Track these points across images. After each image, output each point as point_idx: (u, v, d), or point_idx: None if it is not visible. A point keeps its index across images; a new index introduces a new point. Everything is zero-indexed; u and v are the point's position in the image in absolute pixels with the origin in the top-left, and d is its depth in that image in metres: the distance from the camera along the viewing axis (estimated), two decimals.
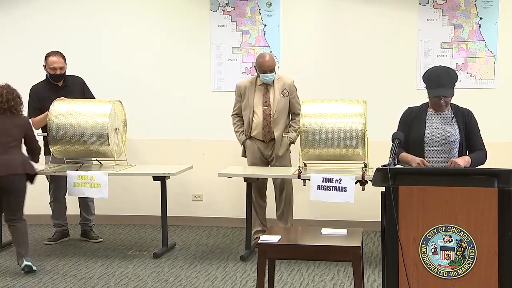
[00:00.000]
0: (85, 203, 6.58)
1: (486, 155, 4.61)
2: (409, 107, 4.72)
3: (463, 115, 4.60)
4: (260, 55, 6.15)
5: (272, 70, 6.05)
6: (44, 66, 6.28)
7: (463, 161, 4.43)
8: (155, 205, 6.35)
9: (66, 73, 6.36)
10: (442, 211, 3.46)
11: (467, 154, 4.61)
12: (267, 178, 6.25)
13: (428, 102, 4.67)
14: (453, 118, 4.57)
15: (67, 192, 6.04)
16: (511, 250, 3.38)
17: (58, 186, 6.39)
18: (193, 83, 7.13)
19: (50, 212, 6.58)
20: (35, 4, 7.25)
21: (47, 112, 6.04)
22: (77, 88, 6.35)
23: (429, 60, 6.63)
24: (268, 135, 6.14)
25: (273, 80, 6.13)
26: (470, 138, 4.59)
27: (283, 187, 6.21)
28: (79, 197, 6.45)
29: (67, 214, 6.63)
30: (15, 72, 6.42)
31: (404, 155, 4.53)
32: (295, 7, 6.93)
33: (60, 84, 6.33)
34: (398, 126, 4.64)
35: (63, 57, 6.28)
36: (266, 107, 6.11)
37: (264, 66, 6.02)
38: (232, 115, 6.29)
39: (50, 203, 6.53)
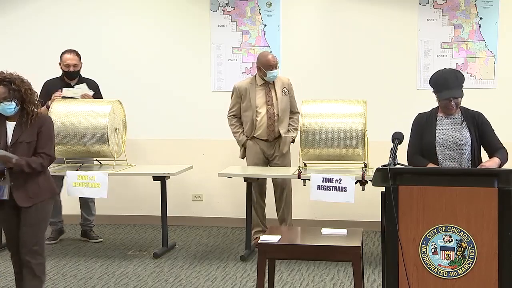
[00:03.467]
0: (86, 204, 6.58)
1: (507, 152, 4.50)
2: (419, 113, 4.62)
3: (474, 118, 4.52)
4: (262, 54, 6.16)
5: (277, 66, 6.09)
6: (60, 64, 6.34)
7: (495, 164, 4.37)
8: (155, 205, 6.35)
9: (82, 75, 6.43)
10: (442, 211, 3.46)
11: (477, 156, 4.50)
12: (266, 178, 6.25)
13: (437, 107, 4.60)
14: (463, 122, 4.51)
15: (66, 192, 6.01)
16: (511, 250, 3.38)
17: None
18: (193, 83, 7.13)
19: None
20: (35, 4, 7.25)
21: (44, 107, 6.04)
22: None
23: (429, 60, 6.63)
24: (272, 134, 6.13)
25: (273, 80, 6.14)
26: (487, 139, 4.51)
27: (284, 187, 6.21)
28: (80, 197, 6.45)
29: (67, 214, 6.62)
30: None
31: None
32: (295, 7, 6.93)
33: (73, 83, 6.35)
34: (410, 134, 4.55)
35: (78, 55, 6.36)
36: (270, 106, 6.11)
37: (271, 63, 6.04)
38: (230, 116, 6.24)
39: None
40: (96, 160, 6.20)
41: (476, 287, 3.42)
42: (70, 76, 6.33)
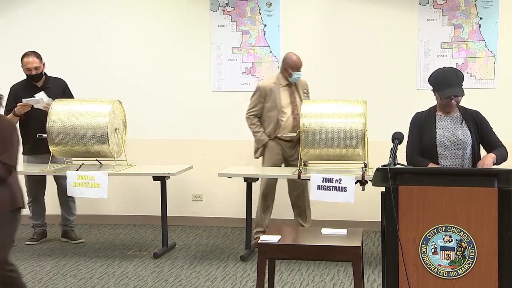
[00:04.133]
0: (66, 203, 6.48)
1: (507, 150, 4.52)
2: (416, 113, 4.59)
3: (473, 117, 4.52)
4: (289, 55, 6.10)
5: (301, 68, 6.09)
6: (22, 67, 6.22)
7: (491, 158, 4.38)
8: (155, 205, 6.36)
9: (50, 74, 6.32)
10: (442, 211, 3.46)
11: (477, 155, 4.50)
12: (277, 179, 6.22)
13: (434, 106, 4.59)
14: (462, 121, 4.50)
15: (51, 193, 5.95)
16: (511, 250, 3.38)
17: (35, 186, 6.37)
18: (193, 83, 7.13)
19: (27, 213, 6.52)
20: (35, 4, 7.25)
21: (11, 115, 6.04)
22: (57, 90, 6.25)
23: (429, 60, 6.63)
24: (297, 135, 6.11)
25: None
26: (487, 138, 4.52)
27: (305, 184, 6.17)
28: (59, 197, 6.44)
29: (56, 214, 6.59)
30: (15, 72, 6.41)
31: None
32: (295, 7, 6.93)
33: (40, 84, 6.26)
34: (409, 134, 4.55)
35: (38, 57, 6.20)
36: (295, 107, 6.10)
37: (298, 64, 6.04)
38: (250, 115, 6.15)
39: (28, 203, 6.41)
40: (96, 160, 6.18)
41: (476, 287, 3.42)
42: (34, 78, 6.23)
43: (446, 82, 4.40)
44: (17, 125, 6.25)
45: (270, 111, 6.12)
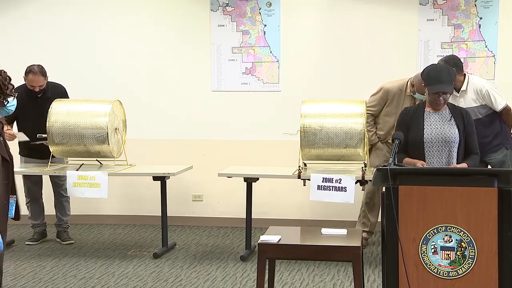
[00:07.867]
0: (60, 203, 6.47)
1: (479, 158, 4.66)
2: (405, 108, 4.71)
3: (462, 115, 4.59)
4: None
5: None
6: (24, 78, 6.11)
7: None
8: (155, 205, 6.36)
9: (50, 79, 6.23)
10: (442, 211, 3.46)
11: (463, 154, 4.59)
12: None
13: (424, 101, 4.67)
14: (451, 118, 4.56)
15: (48, 193, 5.93)
16: (511, 250, 3.38)
17: (34, 186, 6.37)
18: (193, 83, 7.13)
19: (26, 213, 6.51)
20: (35, 4, 7.25)
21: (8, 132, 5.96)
22: (57, 98, 6.14)
23: (429, 60, 6.62)
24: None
25: None
26: (468, 141, 4.58)
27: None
28: (54, 197, 6.43)
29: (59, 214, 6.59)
30: (15, 72, 6.40)
31: (407, 161, 4.50)
32: (295, 7, 6.93)
33: (40, 94, 6.19)
34: (395, 128, 4.63)
35: (44, 75, 6.09)
36: None
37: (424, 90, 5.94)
38: (367, 113, 5.80)
39: (26, 204, 6.42)
40: (96, 160, 6.19)
41: (476, 287, 3.42)
42: (37, 94, 6.16)
43: (437, 78, 4.48)
44: (17, 128, 6.25)
45: (388, 116, 5.95)
